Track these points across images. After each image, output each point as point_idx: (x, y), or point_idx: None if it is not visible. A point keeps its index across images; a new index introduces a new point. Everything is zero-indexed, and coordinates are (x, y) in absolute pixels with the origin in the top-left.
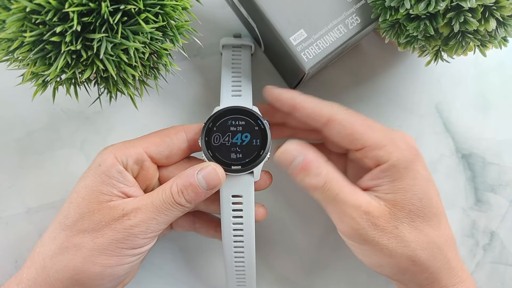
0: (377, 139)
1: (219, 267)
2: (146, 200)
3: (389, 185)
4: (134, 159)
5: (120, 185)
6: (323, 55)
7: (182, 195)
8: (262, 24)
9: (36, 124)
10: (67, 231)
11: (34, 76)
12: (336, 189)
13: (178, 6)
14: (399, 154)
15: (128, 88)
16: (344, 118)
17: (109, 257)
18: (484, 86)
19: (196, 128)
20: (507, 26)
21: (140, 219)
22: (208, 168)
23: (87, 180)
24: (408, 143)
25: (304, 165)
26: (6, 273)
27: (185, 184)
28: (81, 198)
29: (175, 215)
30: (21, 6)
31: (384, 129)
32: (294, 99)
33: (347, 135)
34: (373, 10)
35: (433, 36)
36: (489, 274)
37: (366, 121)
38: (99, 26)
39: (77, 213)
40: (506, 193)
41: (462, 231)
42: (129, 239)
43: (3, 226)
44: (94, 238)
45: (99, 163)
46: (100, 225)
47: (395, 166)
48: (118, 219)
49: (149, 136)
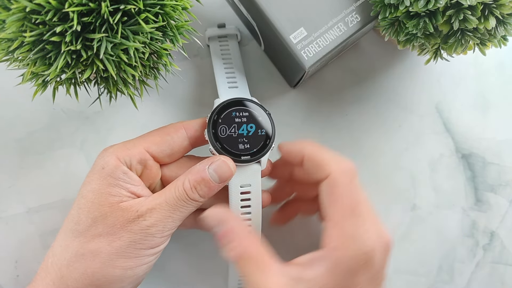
0: (346, 227)
1: (220, 266)
2: (159, 199)
3: (317, 275)
4: (137, 159)
5: (128, 185)
6: (323, 53)
7: (195, 190)
8: (262, 22)
9: (36, 124)
10: (80, 237)
11: (34, 76)
12: (249, 268)
13: (178, 6)
14: (346, 255)
15: (128, 88)
16: (341, 184)
17: (128, 259)
18: (484, 86)
19: (196, 125)
20: (506, 24)
21: (156, 218)
22: (218, 162)
23: (93, 184)
24: (366, 252)
25: (221, 235)
26: (6, 273)
27: (197, 179)
28: (90, 202)
29: (189, 210)
30: (21, 6)
31: (360, 222)
32: (304, 148)
33: (331, 201)
34: (373, 8)
35: (432, 34)
36: (489, 274)
37: (357, 201)
38: (99, 26)
39: (89, 218)
40: (506, 193)
41: (462, 231)
42: (147, 239)
43: (3, 226)
44: (110, 242)
45: (102, 166)
46: (115, 228)
47: (335, 263)
48: (133, 220)
49: (149, 135)
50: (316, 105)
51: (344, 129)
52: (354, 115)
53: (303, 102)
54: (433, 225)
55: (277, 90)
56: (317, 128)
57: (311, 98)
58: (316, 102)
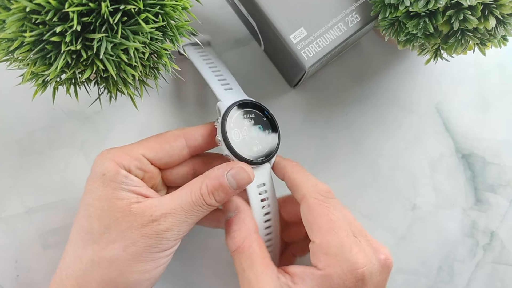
0: (327, 244)
1: (220, 266)
2: (174, 203)
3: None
4: (135, 165)
5: (132, 187)
6: (323, 54)
7: (212, 196)
8: (262, 22)
9: (36, 124)
10: (94, 246)
11: (34, 76)
12: (244, 263)
13: (178, 6)
14: (335, 273)
15: (128, 88)
16: (314, 204)
17: (144, 263)
18: (484, 86)
19: (196, 134)
20: (506, 24)
21: (171, 223)
22: (237, 168)
23: (97, 191)
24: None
25: (229, 221)
26: (6, 273)
27: (215, 185)
28: (100, 210)
29: (203, 214)
30: (21, 6)
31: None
32: (284, 169)
33: (308, 221)
34: (373, 8)
35: (432, 34)
36: (489, 274)
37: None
38: (99, 26)
39: (102, 225)
40: (506, 193)
41: (462, 231)
42: (162, 243)
43: (3, 226)
44: (125, 247)
45: (102, 172)
46: (129, 233)
47: (323, 281)
48: (147, 224)
49: (148, 142)
50: (316, 105)
51: (344, 129)
52: (354, 115)
53: (303, 102)
54: (433, 225)
55: (277, 90)
56: (317, 128)
57: (311, 98)
58: (316, 102)
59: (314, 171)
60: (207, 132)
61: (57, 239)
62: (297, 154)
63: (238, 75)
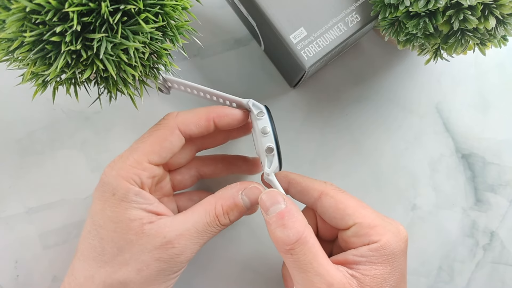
0: (369, 218)
1: (220, 266)
2: (187, 223)
3: (370, 267)
4: (146, 175)
5: (144, 206)
6: (323, 53)
7: (227, 216)
8: (262, 22)
9: (36, 124)
10: (106, 267)
11: (34, 76)
12: (309, 255)
13: (178, 6)
14: (391, 239)
15: (128, 88)
16: (336, 193)
17: (157, 285)
18: (484, 86)
19: (190, 123)
20: (506, 24)
21: (185, 245)
22: (252, 188)
23: (108, 212)
24: (400, 232)
25: (282, 213)
26: (6, 273)
27: (231, 205)
28: (113, 232)
29: (215, 234)
30: (21, 6)
31: (376, 212)
32: (288, 176)
33: (339, 209)
34: (373, 8)
35: (432, 34)
36: (489, 274)
37: (358, 200)
38: (99, 26)
39: (115, 248)
40: (506, 193)
41: (462, 231)
42: (175, 267)
43: (3, 226)
44: (139, 271)
45: (112, 192)
46: (143, 256)
47: (384, 249)
48: (161, 247)
49: (146, 145)
50: (316, 105)
51: (344, 129)
52: (354, 115)
53: (303, 102)
54: (433, 225)
55: (277, 90)
56: (317, 128)
57: (311, 98)
58: (316, 102)
59: (314, 171)
60: (198, 119)
61: (57, 239)
62: (297, 154)
63: (238, 75)
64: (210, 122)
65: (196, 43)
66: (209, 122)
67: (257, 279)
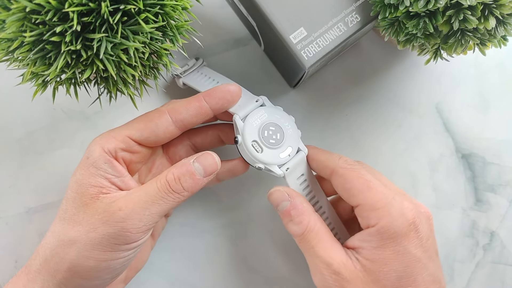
0: (371, 200)
1: (220, 266)
2: (139, 191)
3: (371, 251)
4: (121, 147)
5: (109, 176)
6: (323, 53)
7: (179, 181)
8: (262, 22)
9: (36, 124)
10: (64, 224)
11: (34, 76)
12: (313, 241)
13: (178, 6)
14: (388, 222)
15: (128, 88)
16: (345, 172)
17: (102, 252)
18: (484, 86)
19: (180, 108)
20: (506, 24)
21: (132, 209)
22: (204, 155)
23: (77, 174)
24: (404, 214)
25: (288, 210)
26: (6, 273)
27: (182, 171)
28: (74, 193)
29: (169, 205)
30: (21, 6)
31: (386, 192)
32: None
33: (346, 189)
34: (373, 8)
35: (432, 34)
36: (489, 274)
37: (367, 179)
38: (99, 26)
39: (74, 207)
40: (506, 193)
41: (462, 231)
42: (121, 235)
43: (3, 226)
44: (87, 232)
45: (87, 156)
46: (94, 219)
47: (380, 233)
48: (109, 209)
49: (133, 122)
50: (316, 105)
51: (344, 129)
52: (354, 115)
53: (303, 102)
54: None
55: (277, 90)
56: (317, 128)
57: (311, 98)
58: (316, 102)
59: None
60: (190, 105)
61: None
62: None
63: (238, 75)
64: (202, 103)
65: (196, 43)
66: (200, 103)
67: (257, 279)
